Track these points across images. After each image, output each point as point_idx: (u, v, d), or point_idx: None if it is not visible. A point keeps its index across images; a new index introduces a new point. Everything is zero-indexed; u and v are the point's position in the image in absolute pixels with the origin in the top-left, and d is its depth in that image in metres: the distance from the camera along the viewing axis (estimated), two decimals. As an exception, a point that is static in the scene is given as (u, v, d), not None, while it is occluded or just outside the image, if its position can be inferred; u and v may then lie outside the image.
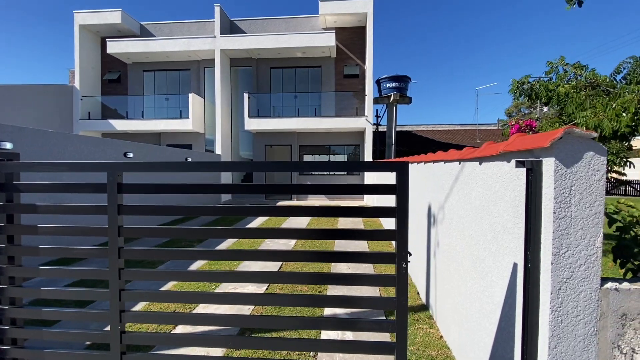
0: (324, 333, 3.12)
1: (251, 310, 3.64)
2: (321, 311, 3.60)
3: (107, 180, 1.68)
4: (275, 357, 2.72)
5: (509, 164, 1.86)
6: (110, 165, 1.68)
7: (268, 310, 3.59)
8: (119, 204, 1.69)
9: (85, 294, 1.87)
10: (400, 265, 1.56)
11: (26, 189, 1.80)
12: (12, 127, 4.98)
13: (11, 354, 1.87)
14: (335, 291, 4.12)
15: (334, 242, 6.41)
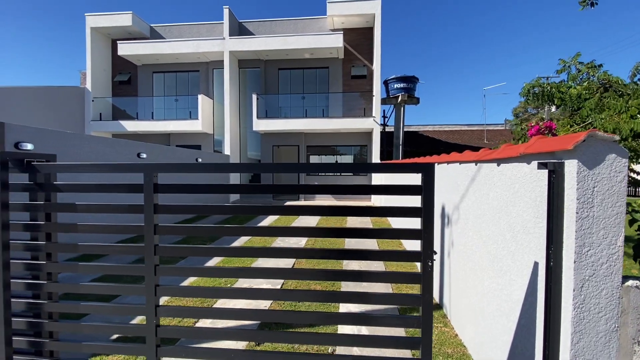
0: (341, 328, 3.17)
1: (269, 305, 3.71)
2: (335, 308, 3.67)
3: (143, 181, 1.76)
4: (295, 350, 2.79)
5: (529, 166, 1.91)
6: (147, 167, 1.76)
7: (284, 306, 3.67)
8: (154, 204, 1.77)
9: (121, 289, 1.95)
10: (426, 263, 1.61)
11: (66, 188, 1.89)
12: (32, 128, 5.12)
13: (48, 347, 1.96)
14: (348, 289, 4.18)
15: (343, 240, 6.46)
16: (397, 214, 1.75)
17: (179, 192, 1.80)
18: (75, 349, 1.92)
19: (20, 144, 4.85)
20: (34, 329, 1.94)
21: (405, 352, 2.74)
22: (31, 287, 1.92)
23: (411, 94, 14.41)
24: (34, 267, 1.91)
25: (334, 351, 2.80)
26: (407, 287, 4.21)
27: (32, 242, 1.90)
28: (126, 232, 1.83)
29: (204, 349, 1.94)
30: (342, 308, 3.67)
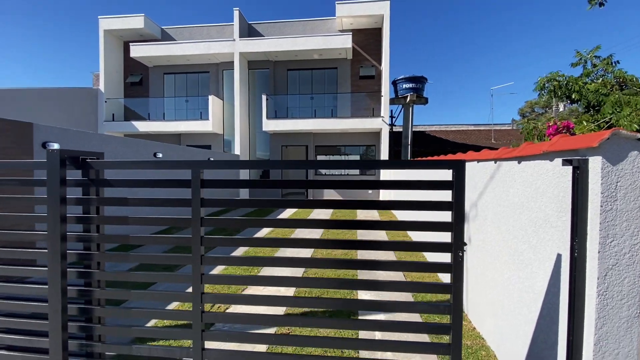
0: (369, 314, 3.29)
1: (292, 293, 3.88)
2: (355, 295, 3.79)
3: (191, 177, 1.89)
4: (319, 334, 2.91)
5: (551, 163, 2.01)
6: (194, 164, 1.90)
7: (308, 293, 3.81)
8: (201, 198, 1.90)
9: (167, 277, 2.09)
10: (457, 253, 1.73)
11: (117, 184, 2.03)
12: (57, 128, 5.31)
13: (97, 331, 2.10)
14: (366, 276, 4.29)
15: (355, 232, 6.59)
16: (428, 207, 1.86)
17: (222, 187, 1.94)
18: (125, 332, 2.06)
19: (47, 143, 5.04)
20: (85, 314, 2.09)
21: (423, 336, 2.85)
22: (83, 276, 2.07)
23: (420, 94, 14.47)
24: (86, 257, 2.06)
25: (357, 335, 2.91)
26: (429, 277, 4.26)
27: (85, 234, 2.05)
28: (175, 225, 1.97)
29: (245, 314, 2.04)
30: (368, 295, 3.77)
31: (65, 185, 1.94)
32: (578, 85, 5.22)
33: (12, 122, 4.54)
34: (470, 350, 2.90)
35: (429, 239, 1.93)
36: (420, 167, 1.89)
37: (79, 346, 2.06)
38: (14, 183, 2.04)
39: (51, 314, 1.94)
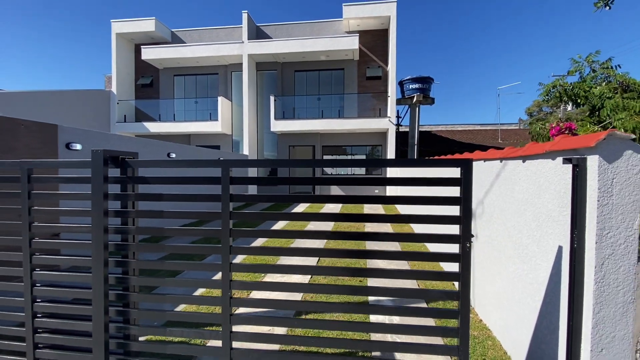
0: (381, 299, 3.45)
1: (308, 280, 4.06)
2: (363, 282, 3.95)
3: (221, 174, 2.08)
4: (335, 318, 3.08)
5: (554, 161, 2.16)
6: (224, 162, 2.08)
7: (323, 281, 3.97)
8: (230, 194, 2.09)
9: (199, 265, 2.27)
10: (465, 244, 1.89)
11: (153, 181, 2.23)
12: (80, 130, 5.56)
13: (133, 315, 2.29)
14: (375, 267, 4.46)
15: (364, 225, 6.78)
16: (437, 202, 2.02)
17: (249, 184, 2.13)
18: (159, 316, 2.26)
19: (71, 144, 5.29)
20: (123, 300, 2.29)
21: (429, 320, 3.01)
22: (121, 265, 2.26)
23: (426, 94, 14.56)
24: (123, 247, 2.25)
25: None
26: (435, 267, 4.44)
27: (124, 227, 2.25)
28: (205, 218, 2.16)
29: (268, 317, 2.23)
30: (380, 283, 3.94)
31: (107, 182, 2.14)
32: (583, 90, 5.34)
33: (40, 124, 4.79)
34: (477, 340, 3.05)
35: (431, 234, 2.09)
36: (430, 165, 2.06)
37: (117, 329, 2.26)
38: (60, 180, 2.25)
39: (95, 299, 2.14)
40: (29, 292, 2.31)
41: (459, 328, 1.91)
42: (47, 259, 2.33)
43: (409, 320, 2.63)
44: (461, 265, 1.90)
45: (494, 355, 2.79)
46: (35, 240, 2.32)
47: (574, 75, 6.23)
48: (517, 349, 2.64)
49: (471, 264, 3.60)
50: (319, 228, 7.06)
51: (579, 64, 5.96)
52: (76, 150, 5.36)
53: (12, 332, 2.40)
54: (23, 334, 2.35)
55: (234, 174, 2.16)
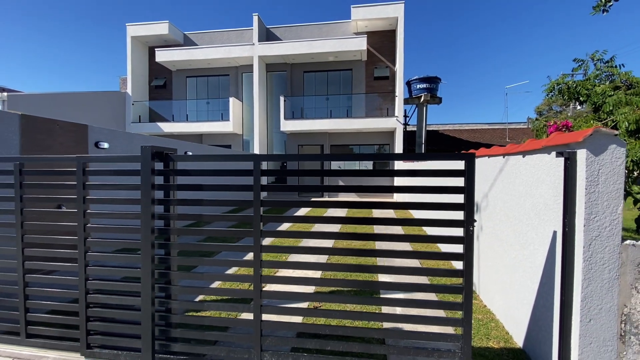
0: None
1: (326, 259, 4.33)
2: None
3: (253, 167, 2.37)
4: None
5: (549, 155, 2.40)
6: (256, 157, 2.37)
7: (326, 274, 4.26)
8: (261, 184, 2.38)
9: (232, 247, 2.57)
10: (468, 228, 2.15)
11: (194, 173, 2.53)
12: (107, 130, 5.93)
13: (172, 291, 2.59)
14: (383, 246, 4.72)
15: (371, 211, 7.09)
16: (442, 191, 2.28)
17: (275, 175, 2.41)
18: (196, 291, 2.57)
19: (99, 142, 5.65)
20: (165, 278, 2.59)
21: (432, 295, 3.27)
22: (164, 247, 2.57)
23: (434, 94, 14.75)
24: (166, 231, 2.56)
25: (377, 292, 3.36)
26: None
27: (166, 213, 2.56)
28: (238, 206, 2.45)
29: (293, 293, 2.52)
30: (389, 262, 4.23)
31: (154, 174, 2.46)
32: (585, 89, 5.51)
33: (73, 124, 5.16)
34: (481, 322, 3.30)
35: (438, 219, 2.35)
36: (436, 158, 2.34)
37: (160, 303, 2.57)
38: (109, 173, 2.57)
39: (143, 277, 2.45)
40: (82, 271, 2.63)
41: (462, 303, 2.17)
42: (99, 242, 2.66)
43: (418, 296, 2.90)
44: (465, 246, 2.16)
45: (496, 334, 3.05)
46: (89, 225, 2.64)
47: (577, 72, 6.39)
48: (518, 328, 2.89)
49: (474, 248, 3.88)
50: (335, 214, 7.49)
51: (583, 62, 6.12)
52: (104, 149, 5.72)
53: (67, 307, 2.73)
54: (76, 308, 2.68)
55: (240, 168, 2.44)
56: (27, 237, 2.78)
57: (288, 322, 2.45)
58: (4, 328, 2.88)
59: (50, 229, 2.78)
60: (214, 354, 2.50)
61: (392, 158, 2.52)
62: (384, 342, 2.83)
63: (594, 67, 6.01)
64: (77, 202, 2.60)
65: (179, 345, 2.52)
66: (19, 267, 2.79)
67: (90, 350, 2.64)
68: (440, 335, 2.27)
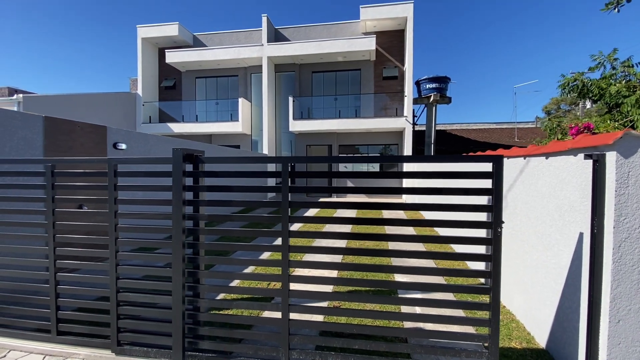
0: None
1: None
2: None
3: (281, 169, 2.42)
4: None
5: (575, 157, 2.42)
6: (284, 159, 2.42)
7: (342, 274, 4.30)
8: (289, 185, 2.42)
9: (262, 233, 2.62)
10: (496, 229, 2.18)
11: (222, 175, 2.59)
12: (124, 131, 6.03)
13: (201, 275, 2.63)
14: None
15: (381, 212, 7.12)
16: (474, 193, 2.31)
17: (308, 177, 2.46)
18: (226, 276, 2.62)
19: (117, 144, 5.75)
20: (194, 262, 2.64)
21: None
22: (192, 246, 2.63)
23: (443, 93, 14.70)
24: (195, 232, 2.62)
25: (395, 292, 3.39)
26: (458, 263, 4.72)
27: (195, 214, 2.61)
28: (268, 206, 2.50)
29: (318, 277, 2.56)
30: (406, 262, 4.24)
31: (185, 175, 2.52)
32: (598, 88, 5.48)
33: (92, 126, 5.26)
34: (502, 323, 3.31)
35: (466, 220, 2.37)
36: (463, 161, 2.36)
37: (190, 301, 2.63)
38: (143, 175, 2.63)
39: (174, 276, 2.52)
40: (114, 270, 2.70)
41: (490, 304, 2.20)
42: (129, 241, 2.72)
43: (444, 296, 2.92)
44: (493, 247, 2.19)
45: (518, 335, 3.06)
46: (119, 225, 2.71)
47: (593, 72, 6.34)
48: (540, 328, 2.90)
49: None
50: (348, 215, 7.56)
51: (600, 61, 6.07)
52: (122, 150, 5.82)
53: (98, 305, 2.80)
54: (107, 306, 2.75)
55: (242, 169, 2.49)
56: (58, 237, 2.86)
57: (315, 321, 2.50)
58: (34, 325, 2.97)
59: (81, 229, 2.86)
60: (241, 352, 2.55)
61: (416, 160, 2.55)
62: (406, 341, 2.87)
63: (610, 67, 5.96)
64: (108, 203, 2.67)
65: (208, 343, 2.58)
66: (50, 266, 2.86)
67: (121, 347, 2.71)
68: (467, 335, 2.30)
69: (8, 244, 3.04)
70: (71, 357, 2.75)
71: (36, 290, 2.97)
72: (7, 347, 2.91)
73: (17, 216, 3.74)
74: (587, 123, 2.95)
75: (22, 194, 3.93)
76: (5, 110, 4.10)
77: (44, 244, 2.92)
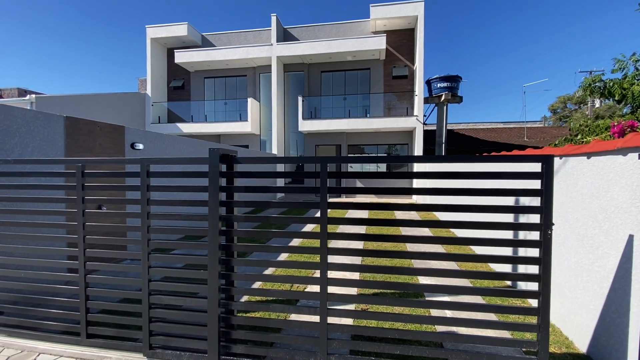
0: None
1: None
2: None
3: (320, 169, 2.36)
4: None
5: (625, 157, 2.33)
6: (323, 159, 2.36)
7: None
8: (327, 186, 2.37)
9: (302, 234, 2.57)
10: (546, 231, 2.10)
11: (258, 175, 2.53)
12: (141, 131, 6.01)
13: (234, 262, 2.58)
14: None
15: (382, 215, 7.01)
16: (521, 194, 2.23)
17: (347, 177, 2.40)
18: (260, 264, 2.56)
19: (135, 144, 5.73)
20: (227, 279, 2.60)
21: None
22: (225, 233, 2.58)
23: (454, 92, 14.58)
24: (229, 233, 2.57)
25: (429, 312, 3.31)
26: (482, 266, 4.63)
27: (229, 215, 2.57)
28: (307, 207, 2.45)
29: (350, 265, 2.51)
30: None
31: (221, 176, 2.47)
32: (621, 88, 5.40)
33: (111, 126, 5.24)
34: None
35: (514, 222, 2.28)
36: (508, 160, 2.28)
37: (223, 304, 2.58)
38: (180, 175, 2.58)
39: (210, 279, 2.47)
40: (145, 272, 2.66)
41: (539, 308, 2.12)
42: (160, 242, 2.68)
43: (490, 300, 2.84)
44: (542, 250, 2.11)
45: (555, 339, 2.98)
46: (151, 226, 2.66)
47: (615, 73, 6.25)
48: (580, 333, 2.82)
49: (520, 251, 3.75)
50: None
51: (623, 62, 5.98)
52: (139, 150, 5.80)
53: (130, 308, 2.76)
54: (139, 309, 2.70)
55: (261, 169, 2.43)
56: (88, 239, 2.82)
57: (352, 325, 2.44)
58: (61, 328, 2.94)
59: (109, 230, 2.83)
60: (276, 356, 2.50)
61: (461, 160, 2.48)
62: (442, 346, 2.80)
63: (634, 69, 5.87)
64: (141, 204, 2.63)
65: (242, 347, 2.53)
66: (80, 267, 2.83)
67: (153, 350, 2.67)
68: (514, 341, 2.22)
69: (35, 245, 3.01)
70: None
71: (58, 292, 2.94)
72: (36, 350, 2.87)
73: (43, 217, 3.72)
74: (631, 121, 2.86)
75: (52, 194, 3.91)
76: (28, 110, 4.08)
77: (68, 245, 2.89)
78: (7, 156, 3.79)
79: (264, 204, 2.53)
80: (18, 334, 3.01)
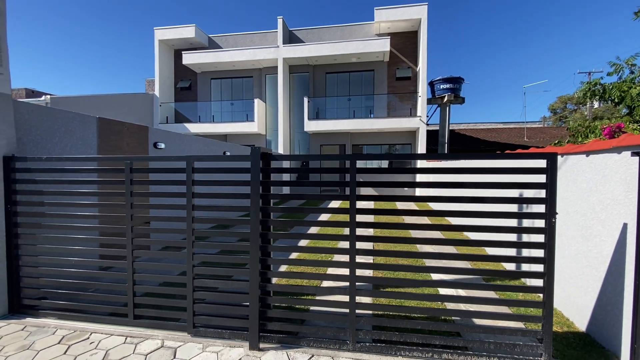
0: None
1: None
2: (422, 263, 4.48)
3: (349, 165, 2.66)
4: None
5: (619, 155, 2.64)
6: (352, 156, 2.67)
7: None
8: (356, 181, 2.67)
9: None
10: (550, 220, 2.41)
11: (293, 171, 2.84)
12: (162, 131, 6.31)
13: (270, 248, 2.89)
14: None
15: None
16: (526, 186, 2.54)
17: (366, 172, 2.71)
18: (286, 250, 2.87)
19: (157, 143, 6.04)
20: (265, 264, 2.90)
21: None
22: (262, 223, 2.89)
23: (457, 94, 14.90)
24: (266, 222, 2.87)
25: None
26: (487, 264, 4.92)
27: (265, 206, 2.87)
28: (337, 199, 2.75)
29: (376, 250, 2.82)
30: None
31: (261, 172, 2.77)
32: (619, 91, 5.70)
33: (137, 126, 5.54)
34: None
35: (521, 212, 2.59)
36: (514, 158, 2.60)
37: (261, 287, 2.89)
38: (226, 171, 2.88)
39: (251, 264, 2.77)
40: (190, 258, 2.96)
41: (544, 287, 2.43)
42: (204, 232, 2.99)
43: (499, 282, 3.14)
44: (547, 236, 2.42)
45: (557, 320, 3.29)
46: (195, 217, 2.97)
47: (611, 76, 6.55)
48: (580, 314, 3.13)
49: (524, 237, 4.05)
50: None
51: (618, 65, 6.28)
52: (161, 149, 6.11)
53: (176, 292, 3.07)
54: (184, 292, 3.01)
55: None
56: (136, 229, 3.13)
57: (379, 304, 2.74)
58: (108, 310, 3.24)
59: (153, 221, 3.13)
60: (308, 331, 2.81)
61: (469, 157, 2.79)
62: (459, 335, 3.09)
63: (629, 72, 6.17)
64: (186, 197, 2.93)
65: (277, 324, 2.83)
66: (128, 255, 3.13)
67: (196, 329, 2.97)
68: (516, 316, 2.53)
69: (87, 235, 3.31)
70: (151, 338, 3.00)
71: (98, 277, 3.23)
72: (88, 330, 3.17)
73: (89, 210, 4.01)
74: (618, 124, 3.18)
75: (108, 189, 4.21)
76: (66, 111, 4.38)
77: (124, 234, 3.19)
78: (49, 154, 4.09)
79: (298, 197, 2.83)
80: (68, 316, 3.30)
